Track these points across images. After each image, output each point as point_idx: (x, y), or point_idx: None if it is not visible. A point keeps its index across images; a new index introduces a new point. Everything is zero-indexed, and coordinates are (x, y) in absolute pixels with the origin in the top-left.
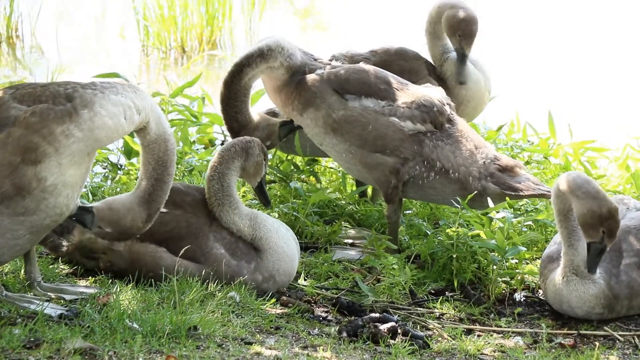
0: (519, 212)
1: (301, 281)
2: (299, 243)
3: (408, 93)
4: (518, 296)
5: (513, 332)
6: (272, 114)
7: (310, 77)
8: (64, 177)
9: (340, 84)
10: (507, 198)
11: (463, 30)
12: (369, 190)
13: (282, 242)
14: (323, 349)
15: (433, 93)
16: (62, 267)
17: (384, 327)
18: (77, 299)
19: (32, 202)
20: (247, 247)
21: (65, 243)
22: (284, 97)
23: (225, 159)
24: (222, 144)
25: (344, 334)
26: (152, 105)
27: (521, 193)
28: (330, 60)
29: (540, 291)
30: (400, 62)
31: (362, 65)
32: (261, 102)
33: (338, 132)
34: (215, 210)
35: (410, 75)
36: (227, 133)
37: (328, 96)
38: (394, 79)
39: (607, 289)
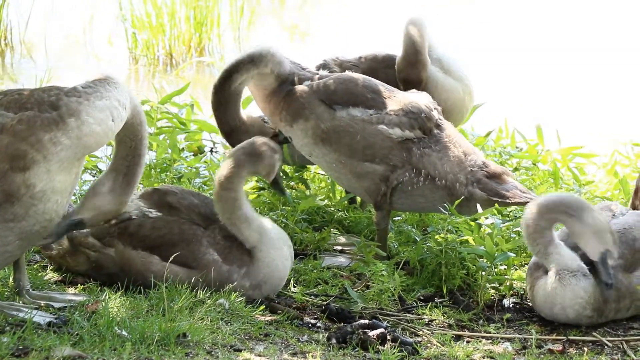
0: (507, 218)
1: (290, 288)
2: None
3: (395, 100)
4: (507, 302)
5: (502, 338)
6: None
7: (299, 89)
8: (52, 183)
9: (327, 94)
10: (495, 204)
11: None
12: (359, 197)
13: (279, 261)
14: (312, 356)
15: (420, 99)
16: (51, 274)
17: (373, 333)
18: (66, 306)
19: (21, 209)
20: (241, 252)
21: (56, 245)
22: (273, 107)
23: (234, 171)
24: (211, 151)
25: (333, 341)
26: (123, 86)
27: (508, 200)
28: (320, 66)
29: (529, 299)
30: (387, 69)
31: (349, 74)
32: (251, 107)
33: (327, 143)
34: (225, 223)
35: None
36: (216, 140)
37: (316, 107)
38: (381, 86)
39: (597, 290)
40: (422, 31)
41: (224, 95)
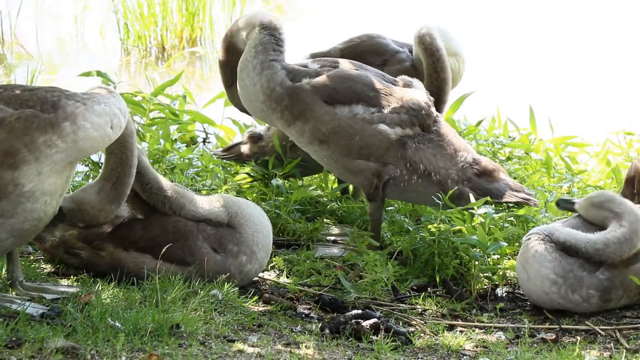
0: (500, 208)
1: (283, 278)
2: (281, 240)
3: (396, 97)
4: (500, 291)
5: (495, 328)
6: None
7: (304, 89)
8: (42, 185)
9: (329, 94)
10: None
11: None
12: (351, 187)
13: (255, 212)
14: (306, 346)
15: (419, 95)
16: (44, 266)
17: (366, 323)
18: (59, 298)
19: (9, 205)
20: (228, 231)
21: (49, 237)
22: (274, 104)
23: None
24: (203, 141)
25: (327, 331)
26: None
27: (497, 200)
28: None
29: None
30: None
31: (345, 71)
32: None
33: (324, 144)
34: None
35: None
36: (208, 131)
37: (317, 108)
38: (379, 82)
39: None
40: (437, 46)
41: None
